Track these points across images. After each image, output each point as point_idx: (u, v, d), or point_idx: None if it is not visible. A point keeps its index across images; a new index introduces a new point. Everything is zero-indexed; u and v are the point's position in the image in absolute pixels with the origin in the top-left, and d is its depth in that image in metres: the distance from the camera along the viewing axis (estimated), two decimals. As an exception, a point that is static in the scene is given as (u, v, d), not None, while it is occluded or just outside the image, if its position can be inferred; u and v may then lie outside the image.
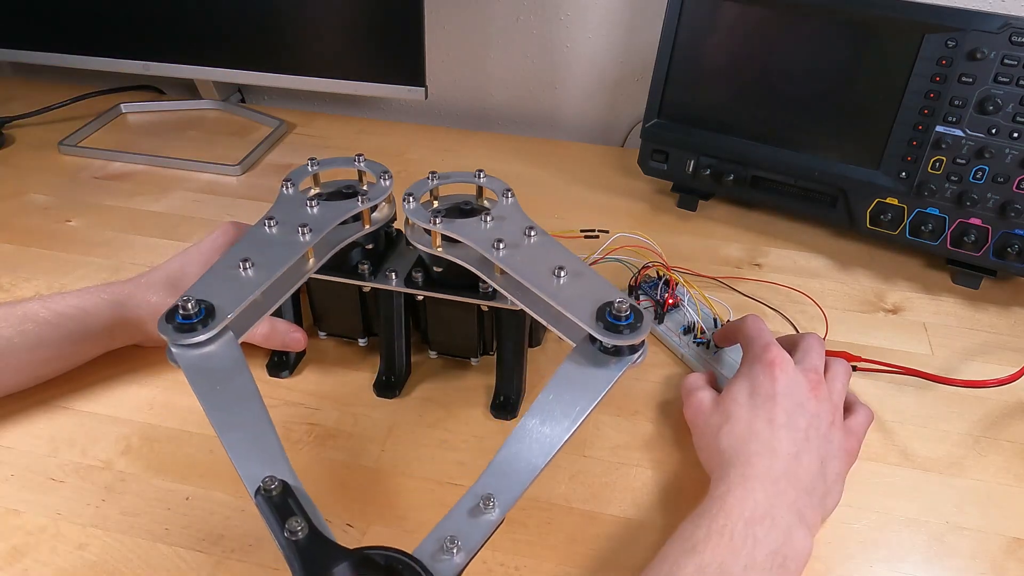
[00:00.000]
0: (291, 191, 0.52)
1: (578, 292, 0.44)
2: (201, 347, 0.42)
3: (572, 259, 0.46)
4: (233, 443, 0.38)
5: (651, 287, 0.63)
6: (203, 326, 0.41)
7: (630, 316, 0.42)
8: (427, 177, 0.53)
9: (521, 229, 0.48)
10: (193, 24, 0.86)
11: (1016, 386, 0.53)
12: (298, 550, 0.33)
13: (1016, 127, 0.61)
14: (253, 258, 0.46)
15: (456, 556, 0.34)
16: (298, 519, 0.34)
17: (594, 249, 0.67)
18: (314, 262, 0.50)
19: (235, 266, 0.45)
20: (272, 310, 0.47)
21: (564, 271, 0.45)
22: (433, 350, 0.58)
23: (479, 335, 0.56)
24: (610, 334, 0.42)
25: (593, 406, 0.40)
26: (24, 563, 0.45)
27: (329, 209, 0.51)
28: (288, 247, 0.48)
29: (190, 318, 0.42)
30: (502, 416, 0.55)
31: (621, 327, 0.42)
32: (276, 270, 0.46)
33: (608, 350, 0.43)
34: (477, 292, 0.52)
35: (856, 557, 0.46)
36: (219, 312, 0.43)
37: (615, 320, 0.42)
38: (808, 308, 0.65)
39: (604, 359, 0.42)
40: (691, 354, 0.59)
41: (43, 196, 0.80)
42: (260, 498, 0.35)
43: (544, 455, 0.38)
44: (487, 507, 0.36)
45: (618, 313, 0.42)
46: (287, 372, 0.58)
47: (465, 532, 0.35)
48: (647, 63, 0.76)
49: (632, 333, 0.42)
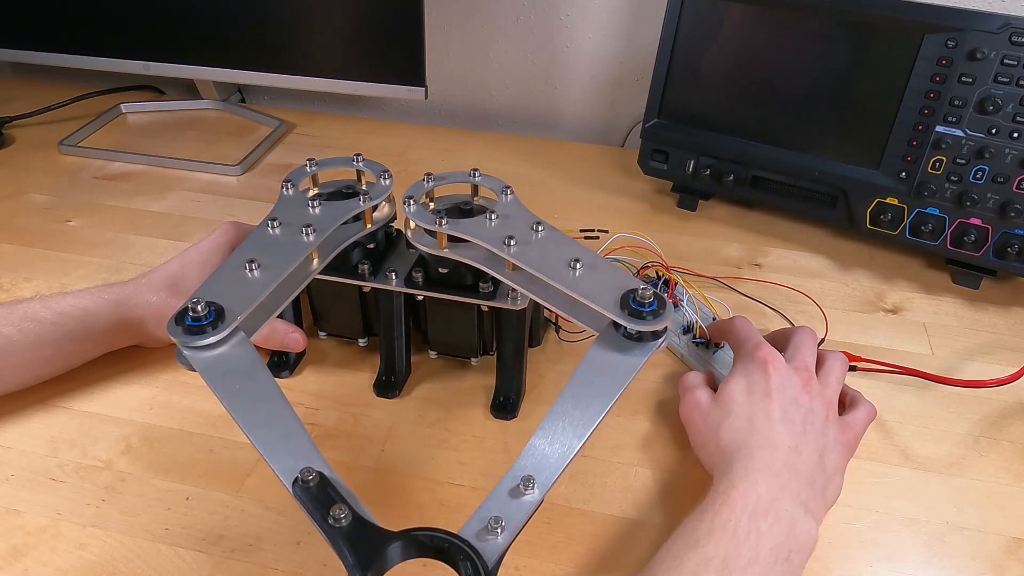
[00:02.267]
0: (291, 192, 0.52)
1: (597, 282, 0.45)
2: (213, 348, 0.42)
3: (585, 251, 0.47)
4: (263, 439, 0.38)
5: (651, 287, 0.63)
6: (213, 328, 0.41)
7: (653, 303, 0.43)
8: (423, 179, 0.53)
9: (528, 225, 0.49)
10: (193, 24, 0.86)
11: (1016, 386, 0.54)
12: (344, 536, 0.33)
13: (1016, 127, 0.61)
14: (259, 259, 0.46)
15: (500, 536, 0.35)
16: (341, 507, 0.34)
17: (594, 249, 0.67)
18: (318, 262, 0.50)
19: (241, 267, 0.45)
20: (279, 311, 0.47)
21: (580, 263, 0.46)
22: (433, 350, 0.58)
23: (479, 335, 0.56)
24: (635, 320, 0.43)
25: (622, 390, 0.42)
26: (24, 563, 0.45)
27: (331, 209, 0.51)
28: (293, 248, 0.48)
29: (200, 320, 0.42)
30: (502, 416, 0.55)
31: (644, 313, 0.43)
32: (283, 271, 0.46)
33: (632, 336, 0.44)
34: (477, 292, 0.52)
35: (856, 557, 0.46)
36: (228, 314, 0.42)
37: (639, 307, 0.43)
38: (808, 308, 0.65)
39: (629, 345, 0.44)
40: (690, 354, 0.59)
41: (43, 196, 0.80)
42: (298, 489, 0.35)
43: (579, 437, 0.39)
44: (527, 488, 0.36)
45: (642, 300, 0.43)
46: (287, 372, 0.58)
47: (508, 513, 0.36)
48: (647, 63, 0.76)
49: (655, 319, 0.43)
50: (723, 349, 0.58)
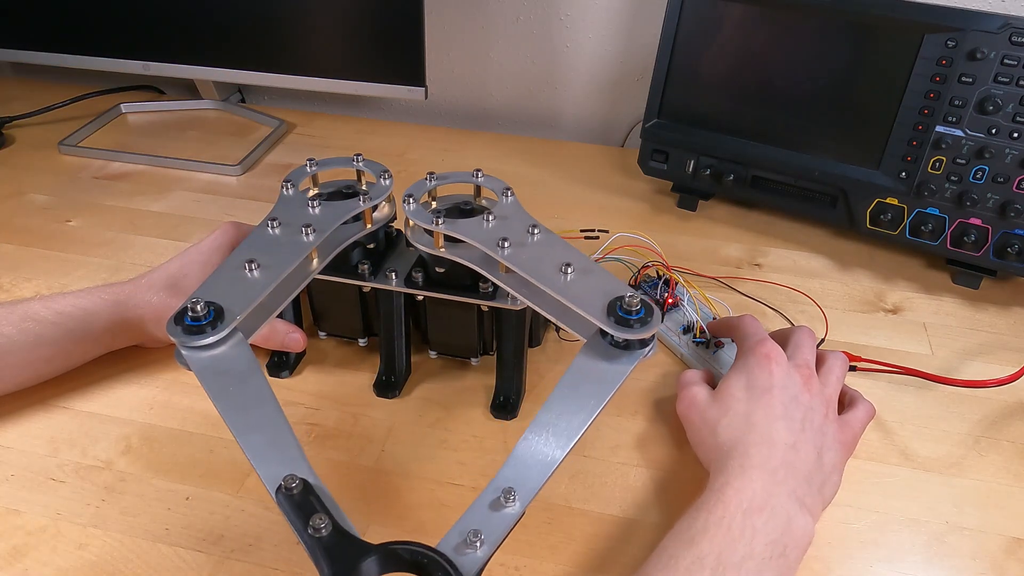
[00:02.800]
0: (291, 192, 0.53)
1: (587, 288, 0.45)
2: (211, 349, 0.42)
3: (578, 256, 0.47)
4: (251, 444, 0.38)
5: (651, 287, 0.63)
6: (212, 328, 0.42)
7: (640, 310, 0.43)
8: (425, 178, 0.53)
9: (524, 227, 0.49)
10: (193, 24, 0.86)
11: (1016, 386, 0.54)
12: (323, 547, 0.33)
13: (1016, 127, 0.61)
14: (259, 259, 0.46)
15: (479, 550, 0.34)
16: (321, 516, 0.34)
17: (594, 249, 0.67)
18: (318, 262, 0.50)
19: (241, 267, 0.45)
20: (278, 311, 0.47)
21: (571, 267, 0.45)
22: (433, 350, 0.58)
23: (479, 335, 0.56)
24: (621, 328, 0.42)
25: (607, 400, 0.41)
26: (24, 563, 0.45)
27: (331, 209, 0.51)
28: (293, 248, 0.48)
29: (199, 320, 0.42)
30: (502, 416, 0.55)
31: (632, 321, 0.42)
32: (282, 271, 0.46)
33: (619, 344, 0.43)
34: (477, 292, 0.52)
35: (856, 557, 0.46)
36: (228, 314, 0.42)
37: (626, 314, 0.43)
38: (808, 308, 0.65)
39: (616, 353, 0.43)
40: (690, 353, 0.59)
41: (43, 196, 0.80)
42: (281, 496, 0.35)
43: (562, 448, 0.39)
44: (508, 500, 0.36)
45: (628, 307, 0.43)
46: (287, 372, 0.58)
47: (488, 525, 0.35)
48: (647, 63, 0.76)
49: (643, 327, 0.42)
50: (723, 349, 0.58)
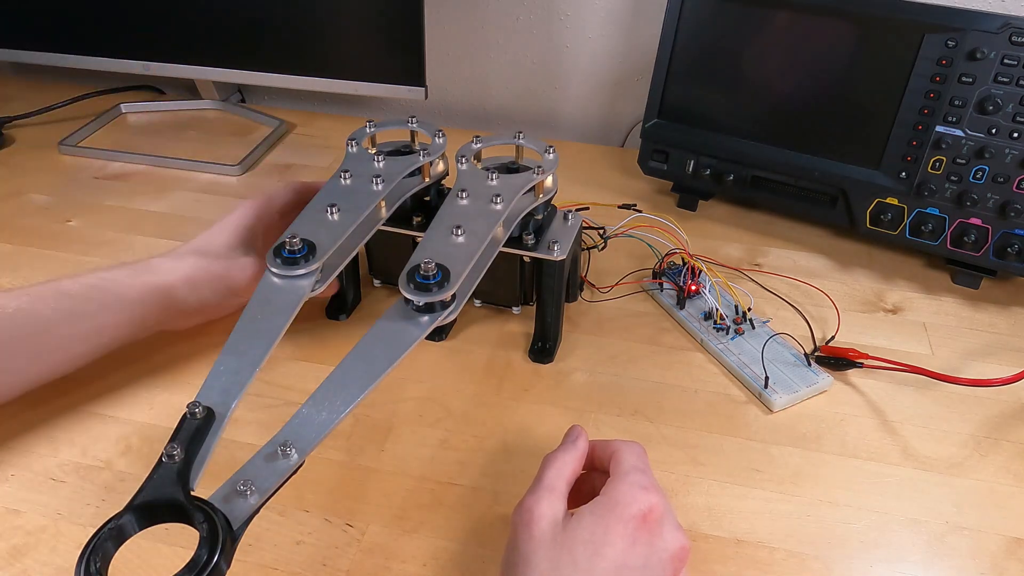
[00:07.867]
0: (356, 149, 0.58)
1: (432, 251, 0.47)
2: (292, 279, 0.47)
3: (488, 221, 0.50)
4: (220, 363, 0.41)
5: (675, 273, 0.66)
6: (305, 261, 0.47)
7: (438, 274, 0.45)
8: (471, 140, 0.59)
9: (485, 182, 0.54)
10: (193, 24, 0.86)
11: (1017, 387, 0.53)
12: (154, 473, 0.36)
13: (1016, 127, 0.61)
14: (339, 204, 0.51)
15: (250, 498, 0.36)
16: (175, 445, 0.36)
17: (621, 223, 0.71)
18: (385, 211, 0.56)
19: (323, 211, 0.50)
20: (355, 252, 0.52)
21: (461, 230, 0.49)
22: (477, 299, 0.64)
23: (520, 285, 0.61)
24: (419, 293, 0.44)
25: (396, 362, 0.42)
26: (24, 563, 0.45)
27: (395, 163, 0.56)
28: (366, 195, 0.53)
29: (295, 253, 0.47)
30: (540, 360, 0.59)
31: (431, 286, 0.45)
32: (359, 214, 0.51)
33: (421, 308, 0.45)
34: (520, 243, 0.55)
35: (856, 557, 0.46)
36: (320, 249, 0.48)
37: (424, 279, 0.45)
38: (822, 303, 0.65)
39: (415, 316, 0.45)
40: (710, 339, 0.60)
41: (43, 196, 0.80)
42: (184, 418, 0.38)
43: (346, 404, 0.40)
44: (284, 453, 0.37)
45: (426, 273, 0.45)
46: (344, 315, 0.63)
47: (260, 476, 0.37)
48: (647, 63, 0.76)
49: (440, 290, 0.45)
50: (742, 336, 0.60)
